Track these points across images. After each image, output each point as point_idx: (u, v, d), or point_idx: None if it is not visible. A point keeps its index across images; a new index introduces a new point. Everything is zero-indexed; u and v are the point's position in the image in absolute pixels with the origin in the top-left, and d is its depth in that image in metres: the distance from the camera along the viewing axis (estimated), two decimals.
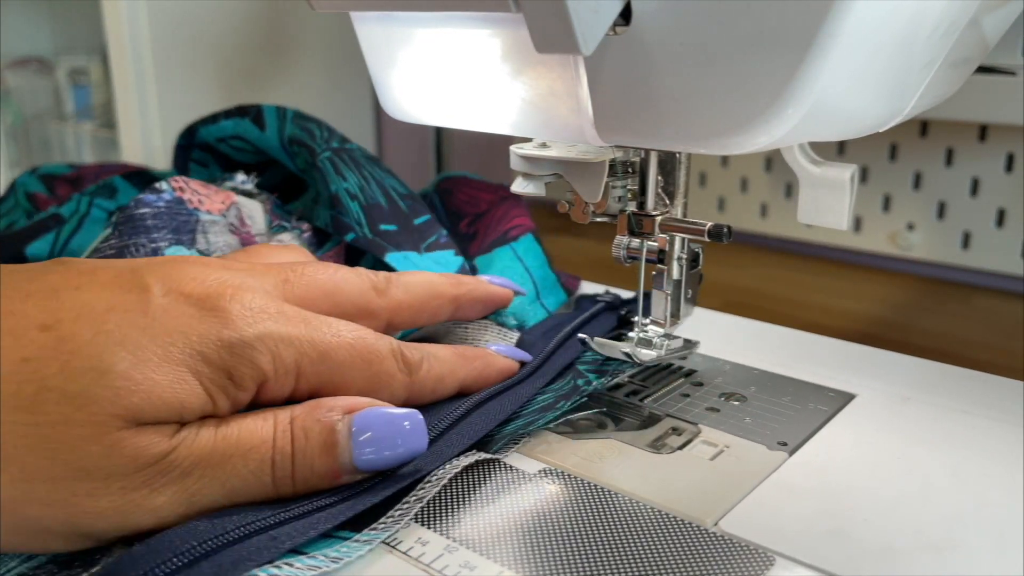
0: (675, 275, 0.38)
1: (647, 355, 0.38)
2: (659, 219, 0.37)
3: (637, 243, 0.38)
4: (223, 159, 0.54)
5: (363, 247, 0.45)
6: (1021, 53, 0.52)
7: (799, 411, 0.36)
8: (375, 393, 0.31)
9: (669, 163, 0.37)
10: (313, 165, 0.47)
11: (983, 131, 0.62)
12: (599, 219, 0.38)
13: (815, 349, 0.43)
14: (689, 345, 0.40)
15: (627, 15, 0.26)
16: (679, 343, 0.40)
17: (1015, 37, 0.51)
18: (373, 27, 0.35)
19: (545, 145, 0.37)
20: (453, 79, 0.33)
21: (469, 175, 0.54)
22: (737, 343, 0.43)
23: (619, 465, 0.32)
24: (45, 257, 0.46)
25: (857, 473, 0.32)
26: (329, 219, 0.46)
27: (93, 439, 0.24)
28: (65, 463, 0.24)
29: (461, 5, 0.28)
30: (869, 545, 0.27)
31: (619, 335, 0.43)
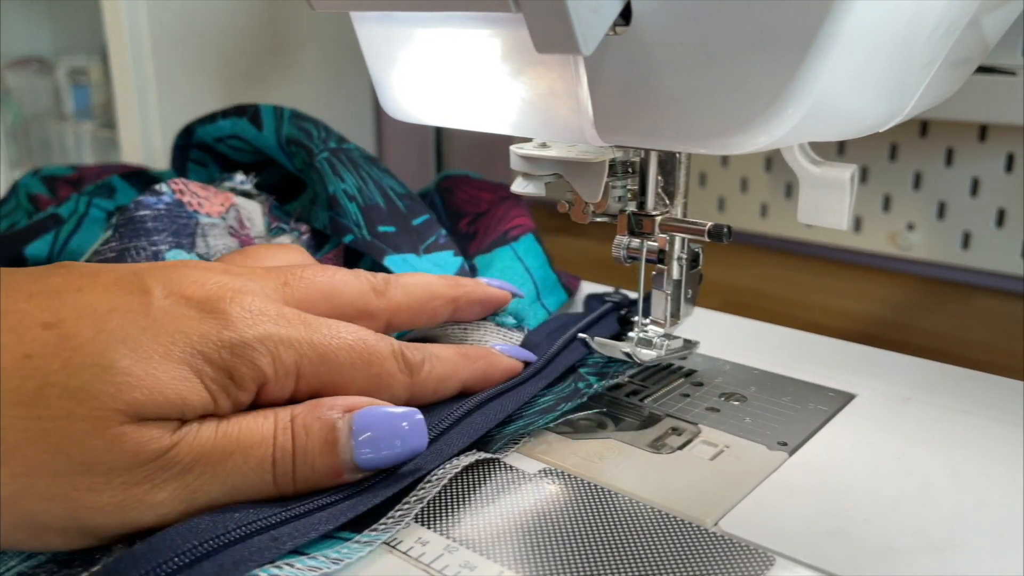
0: (675, 275, 0.38)
1: (647, 355, 0.38)
2: (659, 219, 0.37)
3: (637, 243, 0.38)
4: (221, 159, 0.54)
5: (362, 249, 0.45)
6: (1021, 53, 0.52)
7: (799, 411, 0.36)
8: (376, 394, 0.31)
9: (669, 163, 0.37)
10: (311, 165, 0.47)
11: (983, 131, 0.62)
12: (599, 219, 0.38)
13: (815, 349, 0.43)
14: (689, 345, 0.40)
15: (627, 15, 0.26)
16: (679, 343, 0.40)
17: (1015, 37, 0.52)
18: (373, 27, 0.35)
19: (545, 145, 0.37)
20: (453, 79, 0.33)
21: (470, 174, 0.54)
22: (737, 343, 0.43)
23: (619, 465, 0.32)
24: (44, 257, 0.46)
25: (857, 473, 0.32)
26: (327, 220, 0.46)
27: (95, 433, 0.25)
28: (67, 457, 0.24)
29: (461, 5, 0.28)
30: (869, 545, 0.27)
31: (619, 335, 0.43)
